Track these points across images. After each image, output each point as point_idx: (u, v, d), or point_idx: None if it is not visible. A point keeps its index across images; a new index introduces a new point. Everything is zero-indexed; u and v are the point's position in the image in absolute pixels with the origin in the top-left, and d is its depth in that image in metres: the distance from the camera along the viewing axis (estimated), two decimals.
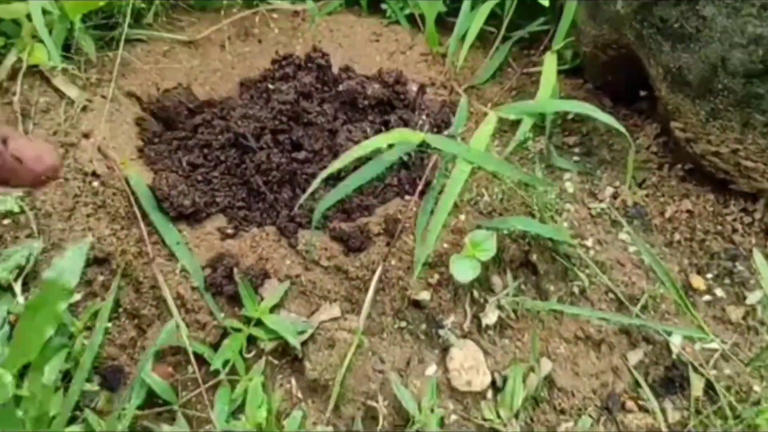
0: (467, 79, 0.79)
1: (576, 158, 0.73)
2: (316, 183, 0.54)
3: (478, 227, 0.61)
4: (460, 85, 0.77)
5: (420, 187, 0.63)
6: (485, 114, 0.66)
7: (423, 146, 0.61)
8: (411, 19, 0.88)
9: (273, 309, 0.61)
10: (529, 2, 0.78)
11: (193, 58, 0.85)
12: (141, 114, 0.76)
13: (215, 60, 0.85)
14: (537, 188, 0.66)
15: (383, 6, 0.91)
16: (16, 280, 0.62)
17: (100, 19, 0.81)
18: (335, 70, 0.71)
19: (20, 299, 0.60)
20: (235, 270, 0.60)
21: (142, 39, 0.85)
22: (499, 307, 0.65)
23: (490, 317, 0.64)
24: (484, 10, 0.72)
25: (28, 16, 0.75)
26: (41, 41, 0.76)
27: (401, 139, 0.54)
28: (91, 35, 0.79)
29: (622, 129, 0.60)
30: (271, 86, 0.70)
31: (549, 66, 0.62)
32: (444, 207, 0.52)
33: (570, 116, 0.75)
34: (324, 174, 0.53)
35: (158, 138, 0.73)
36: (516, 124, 0.70)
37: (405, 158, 0.65)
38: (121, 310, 0.63)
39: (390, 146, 0.59)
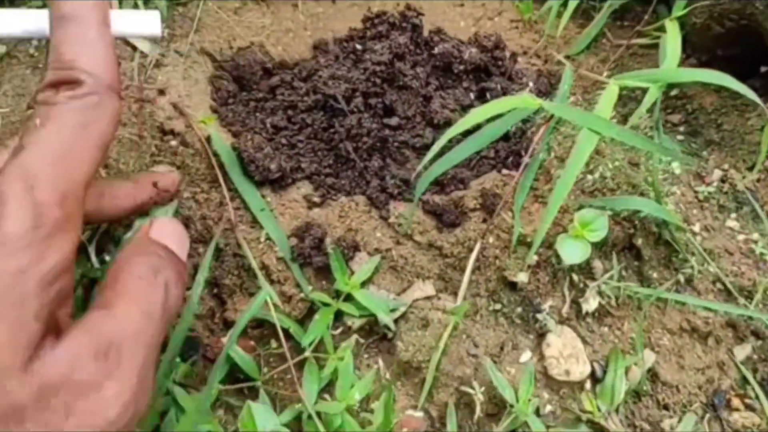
0: (560, 48, 0.74)
1: (680, 137, 0.68)
2: (438, 144, 0.49)
3: (588, 206, 0.57)
4: (555, 55, 0.72)
5: (526, 160, 0.58)
6: (594, 83, 0.61)
7: (532, 116, 0.57)
8: None
9: (363, 284, 0.57)
10: None
11: (264, 17, 0.80)
12: (214, 72, 0.71)
13: (287, 20, 0.81)
14: (645, 168, 0.61)
15: None
16: (90, 241, 0.58)
17: None
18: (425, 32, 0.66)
19: (95, 262, 0.56)
20: (328, 240, 0.56)
21: None
22: (599, 293, 0.61)
23: (591, 303, 0.60)
24: None
25: None
26: None
27: (519, 105, 0.49)
28: None
29: (761, 102, 0.55)
30: (359, 46, 0.65)
31: (672, 34, 0.57)
32: (566, 181, 0.48)
33: (673, 93, 0.70)
34: (445, 137, 0.48)
35: (233, 98, 0.69)
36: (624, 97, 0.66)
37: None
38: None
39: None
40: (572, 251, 0.55)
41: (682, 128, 0.68)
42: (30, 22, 0.41)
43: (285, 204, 0.60)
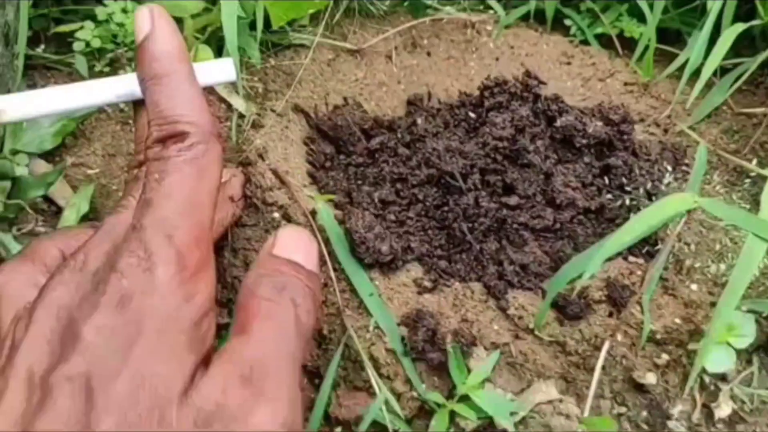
0: (678, 114, 0.69)
1: None
2: (602, 256, 0.44)
3: (736, 308, 0.52)
4: (677, 123, 0.67)
5: (658, 249, 0.53)
6: (732, 166, 0.56)
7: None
8: (603, 40, 0.79)
9: (481, 383, 0.52)
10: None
11: (358, 69, 0.76)
12: (310, 132, 0.68)
13: (381, 72, 0.77)
14: None
15: (567, 22, 0.82)
16: None
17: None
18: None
19: None
20: (448, 337, 0.52)
21: (305, 44, 0.76)
22: (732, 397, 0.55)
23: (724, 409, 0.54)
24: (725, 43, 0.61)
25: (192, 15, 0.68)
26: (205, 42, 0.69)
27: (682, 206, 0.44)
28: (251, 35, 0.71)
29: None
30: (472, 114, 0.61)
31: None
32: (730, 298, 0.43)
33: None
34: (607, 251, 0.43)
35: (330, 161, 0.65)
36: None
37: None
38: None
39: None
40: (717, 359, 0.50)
41: None
42: (121, 87, 0.44)
43: (393, 288, 0.56)
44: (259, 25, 0.64)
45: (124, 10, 0.67)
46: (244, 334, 0.39)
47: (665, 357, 0.55)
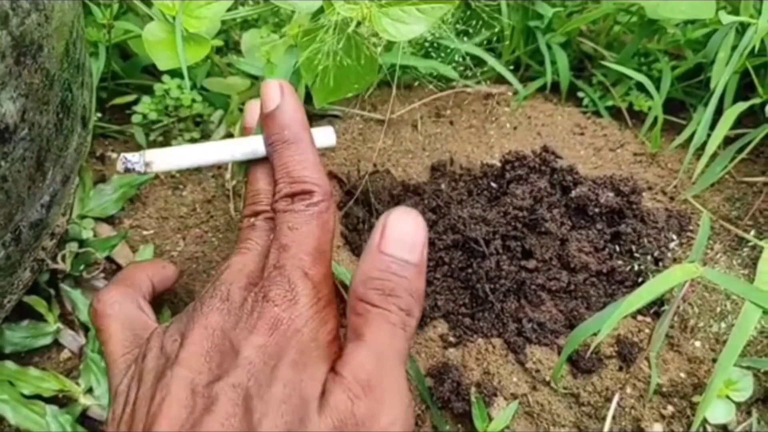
0: (683, 183, 0.75)
1: None
2: (614, 320, 0.49)
3: (735, 365, 0.56)
4: (682, 192, 0.73)
5: (663, 309, 0.59)
6: (722, 229, 0.61)
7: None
8: (613, 111, 0.85)
9: (501, 431, 0.57)
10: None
11: (386, 137, 0.83)
12: (344, 197, 0.74)
13: (407, 140, 0.83)
14: None
15: (580, 94, 0.88)
16: None
17: None
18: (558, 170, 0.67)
19: None
20: (471, 388, 0.57)
21: (338, 115, 0.83)
22: None
23: None
24: (727, 121, 0.67)
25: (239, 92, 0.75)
26: None
27: (685, 276, 0.50)
28: None
29: None
30: (494, 184, 0.67)
31: None
32: (728, 357, 0.48)
33: None
34: (618, 315, 0.49)
35: (362, 224, 0.71)
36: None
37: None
38: None
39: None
40: (718, 412, 0.55)
41: None
42: (243, 148, 0.51)
43: (421, 342, 0.61)
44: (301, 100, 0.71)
45: (180, 87, 0.74)
46: (359, 340, 0.42)
47: (671, 408, 0.59)
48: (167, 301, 0.65)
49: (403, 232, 0.44)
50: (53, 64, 0.47)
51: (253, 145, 0.51)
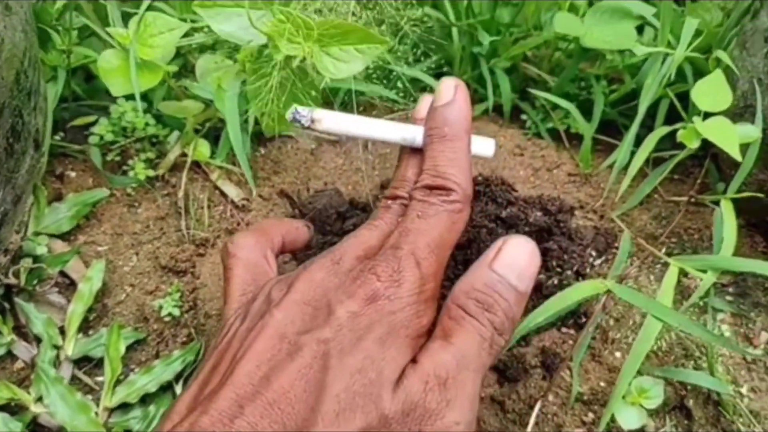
0: (614, 203, 0.79)
1: (729, 298, 0.72)
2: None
3: (646, 374, 0.61)
4: (610, 211, 0.77)
5: (585, 322, 0.63)
6: (650, 254, 0.66)
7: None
8: (553, 133, 0.90)
9: None
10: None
11: (338, 157, 0.87)
12: (292, 214, 0.77)
13: (358, 159, 0.87)
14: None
15: (523, 116, 0.93)
16: (177, 381, 0.63)
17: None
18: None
19: None
20: None
21: (291, 136, 0.87)
22: None
23: None
24: (649, 144, 0.72)
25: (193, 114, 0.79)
26: (204, 137, 0.80)
27: (592, 291, 0.54)
28: (243, 129, 0.82)
29: None
30: None
31: (728, 217, 0.61)
32: (632, 365, 0.52)
33: None
34: (531, 321, 0.53)
35: (310, 240, 0.74)
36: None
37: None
38: None
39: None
40: (629, 418, 0.59)
41: (731, 289, 0.72)
42: (407, 132, 0.51)
43: None
44: (250, 127, 0.75)
45: (134, 110, 0.78)
46: (446, 341, 0.43)
47: (591, 415, 0.63)
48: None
49: (518, 258, 0.45)
50: (3, 92, 0.51)
51: (413, 133, 0.51)
